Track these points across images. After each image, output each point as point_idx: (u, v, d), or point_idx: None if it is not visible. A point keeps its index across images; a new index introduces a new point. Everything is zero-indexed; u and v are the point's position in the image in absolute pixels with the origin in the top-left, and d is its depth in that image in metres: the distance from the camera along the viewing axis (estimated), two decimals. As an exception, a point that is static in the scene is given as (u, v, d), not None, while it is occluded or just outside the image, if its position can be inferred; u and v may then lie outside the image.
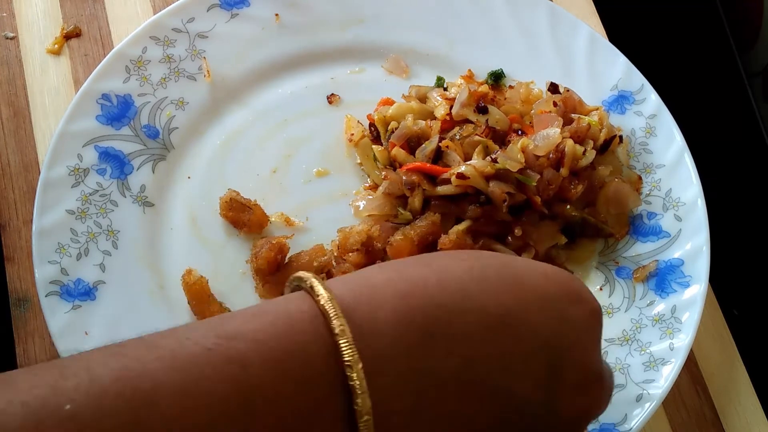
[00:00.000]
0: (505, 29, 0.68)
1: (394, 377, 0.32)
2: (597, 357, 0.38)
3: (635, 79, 0.66)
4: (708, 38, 0.80)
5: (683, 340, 0.58)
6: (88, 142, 0.62)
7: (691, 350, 0.60)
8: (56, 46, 0.69)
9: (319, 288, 0.33)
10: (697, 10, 0.80)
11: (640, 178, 0.64)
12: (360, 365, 0.31)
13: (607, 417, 0.57)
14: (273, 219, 0.63)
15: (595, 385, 0.38)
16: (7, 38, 0.70)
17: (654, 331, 0.59)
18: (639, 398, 0.57)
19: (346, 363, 0.31)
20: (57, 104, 0.67)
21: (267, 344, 0.31)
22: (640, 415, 0.56)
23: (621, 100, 0.66)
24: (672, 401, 0.61)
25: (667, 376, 0.57)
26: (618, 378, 0.58)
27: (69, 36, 0.70)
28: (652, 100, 0.65)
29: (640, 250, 0.62)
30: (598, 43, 0.67)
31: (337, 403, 0.31)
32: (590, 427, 0.56)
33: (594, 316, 0.38)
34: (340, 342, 0.32)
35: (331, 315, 0.32)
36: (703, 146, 0.66)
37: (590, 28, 0.67)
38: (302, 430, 0.31)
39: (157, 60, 0.65)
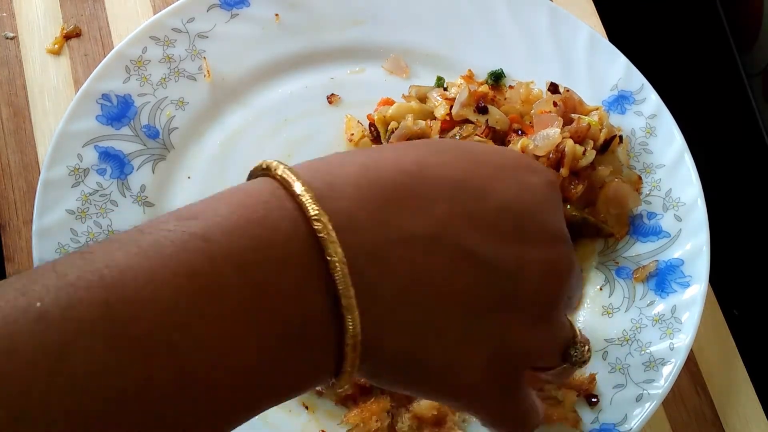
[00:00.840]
0: (505, 29, 0.68)
1: (362, 235, 0.32)
2: (559, 220, 0.39)
3: (635, 79, 0.66)
4: (708, 38, 0.80)
5: (683, 340, 0.58)
6: (88, 142, 0.62)
7: (691, 350, 0.60)
8: (56, 46, 0.69)
9: (274, 163, 0.33)
10: (697, 10, 0.80)
11: (640, 178, 0.64)
12: (326, 217, 0.31)
13: (607, 417, 0.57)
14: None
15: (560, 243, 0.38)
16: (7, 38, 0.70)
17: (654, 331, 0.59)
18: (639, 398, 0.57)
19: (313, 217, 0.31)
20: (57, 104, 0.67)
21: (228, 217, 0.31)
22: (640, 415, 0.56)
23: (621, 100, 0.66)
24: (672, 401, 0.61)
25: (667, 376, 0.57)
26: (618, 378, 0.58)
27: (69, 36, 0.70)
28: (652, 100, 0.65)
29: (640, 250, 0.62)
30: (598, 43, 0.67)
31: (309, 259, 0.31)
32: (590, 427, 0.56)
33: (551, 186, 0.39)
34: (304, 200, 0.31)
35: (291, 181, 0.32)
36: (703, 146, 0.66)
37: (590, 28, 0.67)
38: (276, 292, 0.30)
39: (157, 60, 0.65)
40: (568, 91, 0.64)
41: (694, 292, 0.59)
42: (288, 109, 0.67)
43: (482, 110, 0.63)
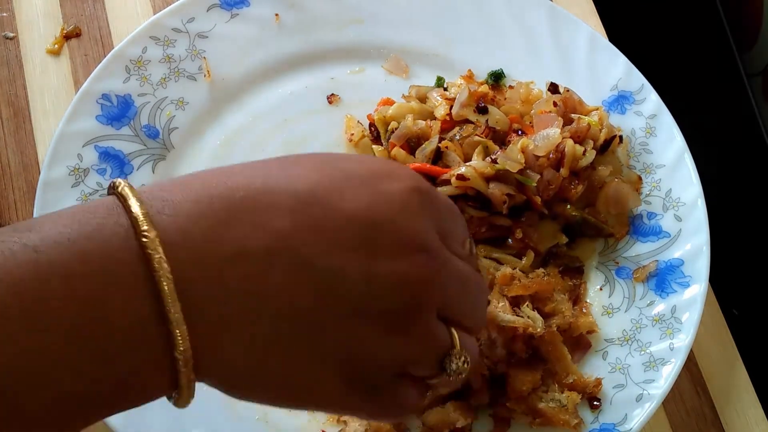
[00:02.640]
0: (505, 29, 0.68)
1: (194, 252, 0.32)
2: (422, 228, 0.36)
3: (635, 79, 0.66)
4: (708, 38, 0.80)
5: (683, 340, 0.58)
6: (88, 142, 0.62)
7: (691, 350, 0.60)
8: (56, 46, 0.69)
9: (118, 180, 0.33)
10: (697, 10, 0.81)
11: (640, 178, 0.64)
12: (155, 233, 0.31)
13: (607, 417, 0.57)
14: None
15: (418, 253, 0.36)
16: (7, 38, 0.70)
17: (654, 331, 0.59)
18: (639, 398, 0.57)
19: (142, 232, 0.31)
20: (57, 104, 0.67)
21: (61, 231, 0.31)
22: (640, 415, 0.56)
23: (621, 100, 0.66)
24: (672, 401, 0.61)
25: (667, 376, 0.57)
26: (618, 378, 0.58)
27: (69, 36, 0.70)
28: (652, 100, 0.65)
29: (640, 250, 0.62)
30: (598, 43, 0.67)
31: (138, 275, 0.31)
32: (590, 427, 0.56)
33: (414, 192, 0.37)
34: (135, 215, 0.31)
35: (127, 197, 0.32)
36: (703, 146, 0.66)
37: (590, 28, 0.67)
38: (102, 304, 0.30)
39: (157, 60, 0.65)
40: (568, 91, 0.64)
41: (694, 292, 0.59)
42: (288, 109, 0.67)
43: (482, 110, 0.63)
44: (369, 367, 0.36)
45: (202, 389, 0.34)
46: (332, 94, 0.67)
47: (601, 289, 0.62)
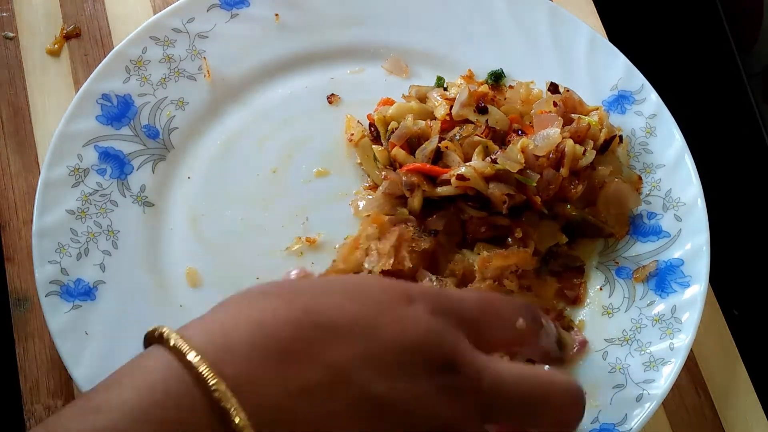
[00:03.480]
0: (505, 29, 0.68)
1: (263, 394, 0.33)
2: (447, 346, 0.39)
3: (635, 79, 0.66)
4: (708, 38, 0.80)
5: (683, 340, 0.58)
6: (88, 142, 0.62)
7: (691, 350, 0.60)
8: (56, 46, 0.69)
9: (166, 331, 0.34)
10: (697, 10, 0.81)
11: (640, 178, 0.64)
12: (224, 385, 0.32)
13: (607, 417, 0.57)
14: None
15: (453, 371, 0.38)
16: (7, 38, 0.70)
17: (654, 331, 0.59)
18: (639, 398, 0.57)
19: (212, 387, 0.32)
20: (57, 104, 0.67)
21: (131, 404, 0.32)
22: (640, 415, 0.56)
23: (621, 100, 0.66)
24: (672, 401, 0.61)
25: (667, 376, 0.57)
26: (618, 378, 0.58)
27: (69, 36, 0.70)
28: (652, 100, 0.65)
29: (640, 250, 0.62)
30: (598, 43, 0.67)
31: (216, 428, 0.32)
32: (590, 427, 0.56)
33: (432, 312, 0.39)
34: (200, 370, 0.32)
35: (185, 351, 0.33)
36: (703, 146, 0.66)
37: (590, 28, 0.67)
38: None
39: (157, 60, 0.65)
40: (568, 91, 0.64)
41: (694, 292, 0.59)
42: (288, 109, 0.67)
43: (482, 110, 0.63)
44: None
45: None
46: (332, 94, 0.67)
47: (601, 289, 0.62)
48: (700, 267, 0.60)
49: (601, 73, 0.66)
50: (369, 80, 0.68)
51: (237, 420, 0.32)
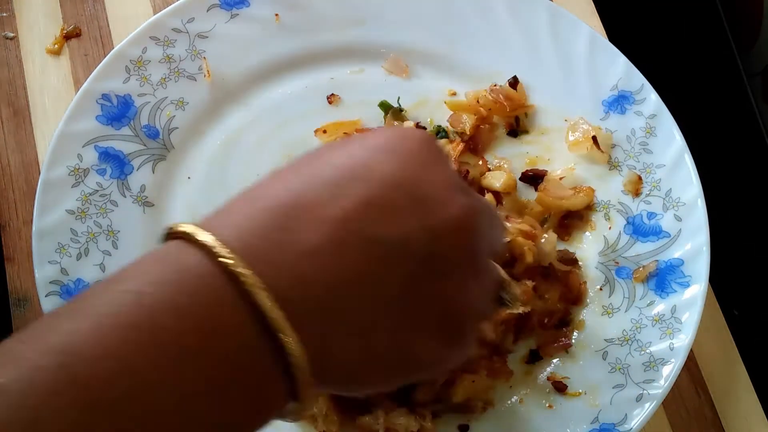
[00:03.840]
0: (505, 29, 0.68)
1: (271, 261, 0.33)
2: (446, 173, 0.39)
3: (635, 79, 0.66)
4: (708, 38, 0.80)
5: (683, 340, 0.58)
6: (88, 142, 0.62)
7: (691, 350, 0.60)
8: (56, 46, 0.69)
9: (174, 225, 0.35)
10: (697, 10, 0.81)
11: (640, 178, 0.64)
12: (234, 256, 0.32)
13: (607, 417, 0.57)
14: None
15: (456, 195, 0.38)
16: (7, 38, 0.70)
17: (654, 331, 0.59)
18: (639, 398, 0.57)
19: (224, 258, 0.32)
20: (57, 104, 0.67)
21: (152, 272, 0.32)
22: (640, 415, 0.56)
23: (621, 100, 0.66)
24: (672, 401, 0.61)
25: (667, 376, 0.57)
26: (618, 378, 0.58)
27: (69, 36, 0.70)
28: (652, 100, 0.65)
29: (640, 250, 0.62)
30: (598, 43, 0.67)
31: (234, 296, 0.32)
32: (590, 427, 0.57)
33: (426, 143, 0.39)
34: (211, 247, 0.32)
35: (193, 232, 0.33)
36: (703, 146, 0.66)
37: (590, 28, 0.67)
38: (213, 331, 0.31)
39: (157, 60, 0.65)
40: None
41: (694, 292, 0.59)
42: (288, 109, 0.67)
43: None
44: (462, 318, 0.38)
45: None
46: (332, 94, 0.67)
47: (601, 289, 0.62)
48: (700, 267, 0.60)
49: (601, 73, 0.66)
50: (369, 80, 0.68)
51: (250, 284, 0.32)
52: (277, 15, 0.67)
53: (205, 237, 0.33)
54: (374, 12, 0.68)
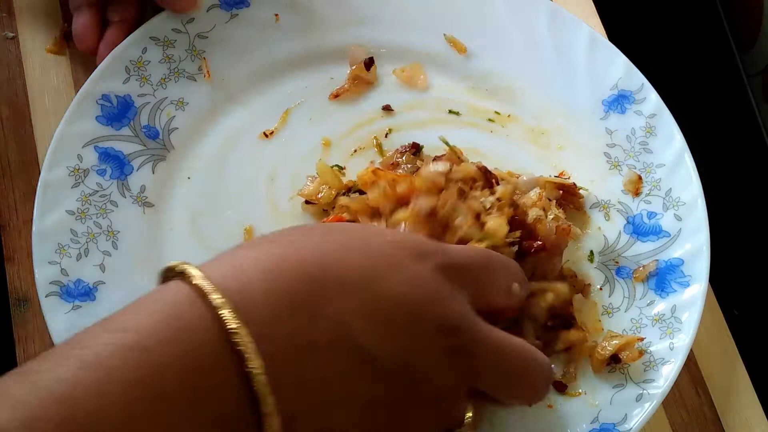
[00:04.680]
0: (504, 29, 0.68)
1: (275, 344, 0.34)
2: (453, 308, 0.40)
3: (635, 79, 0.66)
4: (708, 38, 0.80)
5: (683, 340, 0.58)
6: (88, 143, 0.62)
7: (691, 350, 0.60)
8: (56, 46, 0.69)
9: (188, 268, 0.35)
10: (697, 10, 0.81)
11: (640, 178, 0.64)
12: (245, 330, 0.33)
13: (607, 417, 0.57)
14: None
15: (454, 334, 0.39)
16: (7, 38, 0.70)
17: (654, 331, 0.59)
18: (639, 398, 0.57)
19: (232, 330, 0.33)
20: (57, 104, 0.67)
21: (157, 328, 0.33)
22: (640, 415, 0.56)
23: (621, 100, 0.66)
24: (672, 401, 0.61)
25: (667, 376, 0.57)
26: (618, 378, 0.58)
27: (69, 36, 0.70)
28: (652, 100, 0.65)
29: (640, 249, 0.62)
30: (598, 43, 0.67)
31: (233, 367, 0.33)
32: (590, 427, 0.56)
33: (442, 269, 0.40)
34: (222, 313, 0.33)
35: (207, 291, 0.34)
36: (703, 146, 0.66)
37: (590, 28, 0.67)
38: (210, 395, 0.32)
39: (156, 60, 0.65)
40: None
41: (694, 292, 0.59)
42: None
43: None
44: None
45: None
46: (332, 94, 0.67)
47: (601, 288, 0.62)
48: (700, 267, 0.60)
49: (601, 72, 0.66)
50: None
51: (252, 366, 0.33)
52: (276, 15, 0.67)
53: (221, 307, 0.34)
54: (374, 12, 0.68)
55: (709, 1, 0.81)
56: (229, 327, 0.33)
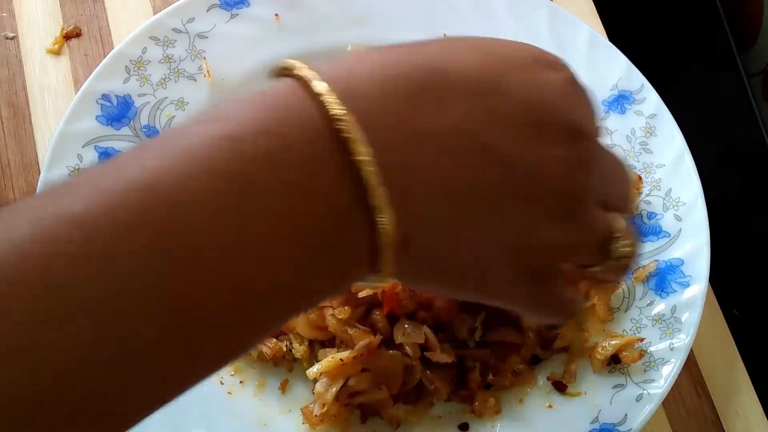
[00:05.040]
0: (505, 29, 0.68)
1: (387, 134, 0.31)
2: (581, 116, 0.38)
3: (635, 79, 0.66)
4: (708, 38, 0.80)
5: (683, 340, 0.58)
6: (88, 143, 0.62)
7: (691, 350, 0.60)
8: (56, 46, 0.69)
9: (296, 63, 0.33)
10: (697, 10, 0.81)
11: (640, 178, 0.64)
12: (352, 117, 0.30)
13: (607, 417, 0.57)
14: None
15: (582, 139, 0.37)
16: (7, 38, 0.70)
17: (654, 331, 0.59)
18: (639, 398, 0.57)
19: (338, 116, 0.30)
20: (57, 104, 0.67)
21: (253, 118, 0.30)
22: (640, 415, 0.56)
23: (621, 100, 0.66)
24: (672, 401, 0.61)
25: (667, 376, 0.57)
26: (618, 378, 0.58)
27: (69, 36, 0.70)
28: (652, 100, 0.65)
29: (639, 250, 0.62)
30: (598, 43, 0.67)
31: (337, 159, 0.30)
32: (590, 427, 0.57)
33: (570, 82, 0.38)
34: (327, 99, 0.31)
35: (312, 80, 0.31)
36: (703, 146, 0.66)
37: (590, 28, 0.67)
38: (309, 191, 0.30)
39: (157, 60, 0.65)
40: None
41: (694, 292, 0.59)
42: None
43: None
44: (540, 252, 0.37)
45: (202, 389, 0.34)
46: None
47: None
48: (700, 267, 0.60)
49: (601, 73, 0.66)
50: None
51: (360, 155, 0.30)
52: (277, 15, 0.68)
53: (326, 94, 0.31)
54: (374, 12, 0.68)
55: (709, 1, 0.81)
56: (333, 113, 0.30)
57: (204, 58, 0.66)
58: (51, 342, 0.26)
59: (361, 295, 0.57)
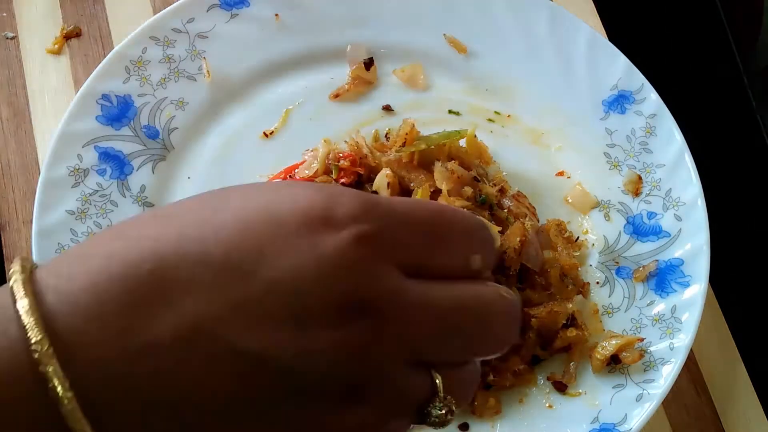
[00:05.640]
0: (504, 29, 0.68)
1: (96, 353, 0.28)
2: (360, 285, 0.30)
3: (635, 79, 0.66)
4: (708, 38, 0.80)
5: (683, 340, 0.58)
6: (88, 143, 0.62)
7: (691, 350, 0.60)
8: (56, 46, 0.69)
9: (16, 267, 0.29)
10: (697, 10, 0.80)
11: (640, 177, 0.64)
12: (47, 345, 0.27)
13: (607, 417, 0.57)
14: None
15: (357, 318, 0.30)
16: (7, 38, 0.70)
17: (654, 331, 0.59)
18: (639, 398, 0.57)
19: (33, 347, 0.27)
20: (57, 104, 0.67)
21: None
22: (640, 415, 0.56)
23: (621, 100, 0.66)
24: (672, 401, 0.61)
25: (667, 376, 0.57)
26: (618, 378, 0.58)
27: (69, 36, 0.70)
28: (652, 100, 0.65)
29: (640, 250, 0.62)
30: (598, 43, 0.67)
31: (38, 391, 0.27)
32: (590, 427, 0.57)
33: (353, 243, 0.30)
34: (26, 323, 0.27)
35: (17, 297, 0.28)
36: (703, 146, 0.66)
37: (590, 28, 0.67)
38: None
39: (157, 60, 0.65)
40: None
41: (694, 292, 0.59)
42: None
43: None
44: None
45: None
46: (333, 94, 0.67)
47: (598, 283, 0.62)
48: (700, 267, 0.60)
49: (601, 72, 0.66)
50: (369, 80, 0.68)
51: (58, 389, 0.27)
52: (277, 15, 0.67)
53: (26, 317, 0.27)
54: (374, 12, 0.68)
55: (709, 1, 0.81)
56: (30, 343, 0.27)
57: (204, 57, 0.66)
58: None
59: None
